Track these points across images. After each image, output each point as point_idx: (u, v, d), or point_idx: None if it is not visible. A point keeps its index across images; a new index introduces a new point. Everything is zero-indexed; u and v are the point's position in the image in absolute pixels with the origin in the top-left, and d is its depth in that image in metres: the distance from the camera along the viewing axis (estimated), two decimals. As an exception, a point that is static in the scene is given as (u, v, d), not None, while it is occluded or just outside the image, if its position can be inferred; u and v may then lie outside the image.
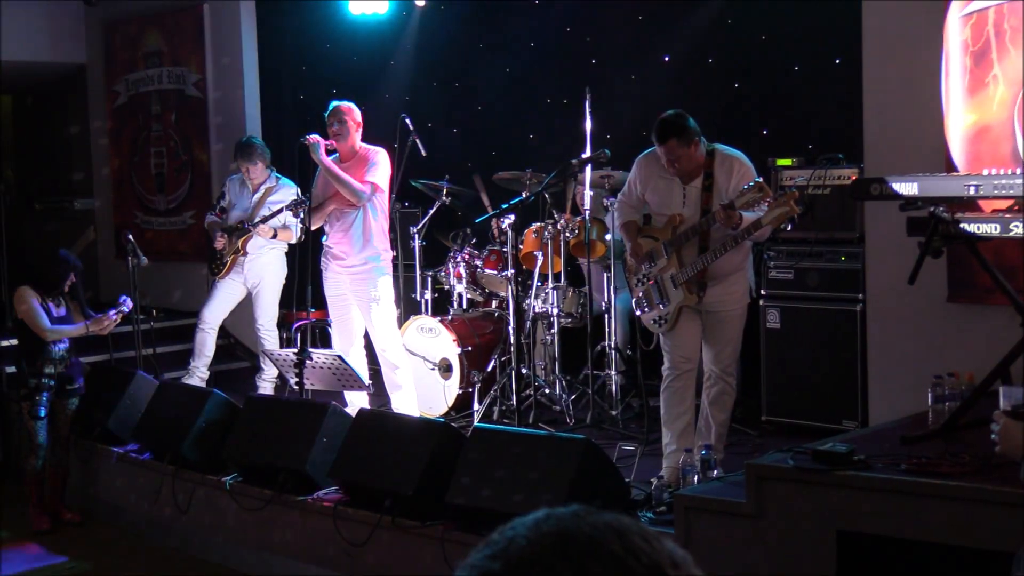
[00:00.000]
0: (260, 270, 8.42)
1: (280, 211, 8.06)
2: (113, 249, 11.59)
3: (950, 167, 6.01)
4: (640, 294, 6.11)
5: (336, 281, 7.41)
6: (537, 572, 1.12)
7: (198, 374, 8.52)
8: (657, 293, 5.99)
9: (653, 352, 6.59)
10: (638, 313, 6.21)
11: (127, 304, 7.59)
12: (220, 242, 8.40)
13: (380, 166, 7.30)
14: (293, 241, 8.08)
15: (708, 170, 5.85)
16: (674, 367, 5.98)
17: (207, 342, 8.53)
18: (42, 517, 7.50)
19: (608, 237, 7.39)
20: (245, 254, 8.36)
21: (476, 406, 7.56)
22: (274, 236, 8.24)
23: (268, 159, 8.46)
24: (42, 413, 7.41)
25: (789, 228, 6.51)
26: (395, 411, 7.19)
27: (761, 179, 5.59)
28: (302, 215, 7.61)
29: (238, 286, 8.49)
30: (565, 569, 1.11)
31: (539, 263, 7.59)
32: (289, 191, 8.24)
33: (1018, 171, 5.05)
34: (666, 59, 8.31)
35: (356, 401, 7.39)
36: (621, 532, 1.15)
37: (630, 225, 6.15)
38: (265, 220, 8.15)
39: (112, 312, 7.50)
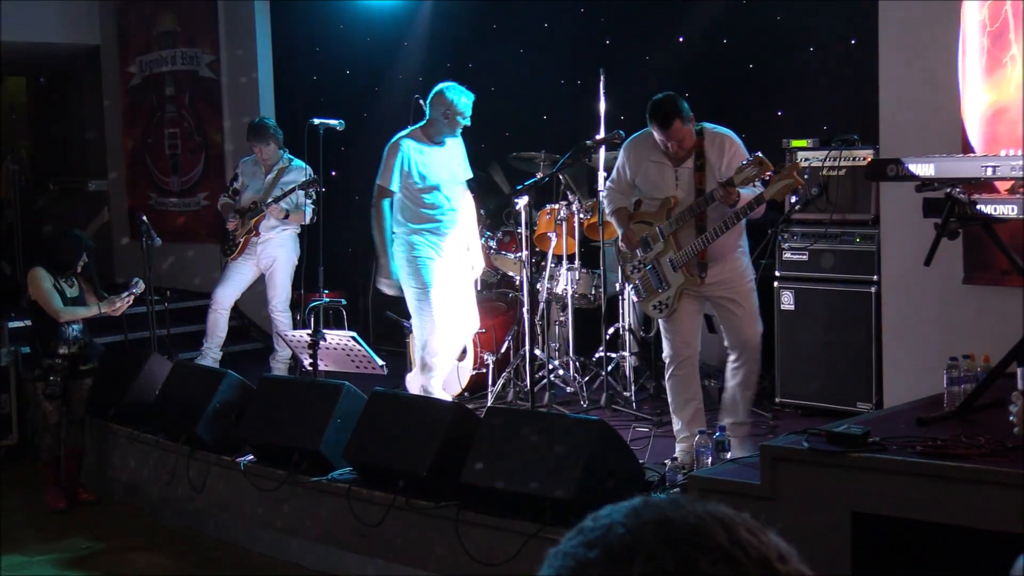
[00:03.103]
0: (273, 251, 8.43)
1: (292, 191, 8.07)
2: (127, 230, 11.62)
3: (967, 148, 5.97)
4: (637, 281, 6.06)
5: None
6: (640, 562, 1.05)
7: (211, 355, 8.54)
8: (655, 278, 5.94)
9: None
10: (635, 300, 6.17)
11: (139, 286, 7.61)
12: (232, 223, 8.41)
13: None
14: (306, 222, 8.08)
15: (699, 150, 5.82)
16: (676, 354, 5.93)
17: (219, 323, 8.55)
18: (59, 496, 7.55)
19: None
20: (258, 235, 8.37)
21: (490, 387, 7.56)
22: (286, 217, 8.24)
23: (280, 140, 8.46)
24: (56, 394, 7.44)
25: (795, 200, 6.45)
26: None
27: (759, 153, 5.56)
28: (315, 196, 7.59)
29: (251, 267, 8.50)
30: (669, 559, 1.05)
31: (553, 244, 7.58)
32: (301, 172, 8.25)
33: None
34: (680, 40, 8.27)
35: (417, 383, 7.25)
36: (726, 523, 1.09)
37: (621, 212, 6.09)
38: (277, 200, 8.16)
39: (125, 294, 7.53)
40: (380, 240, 7.05)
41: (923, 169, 5.03)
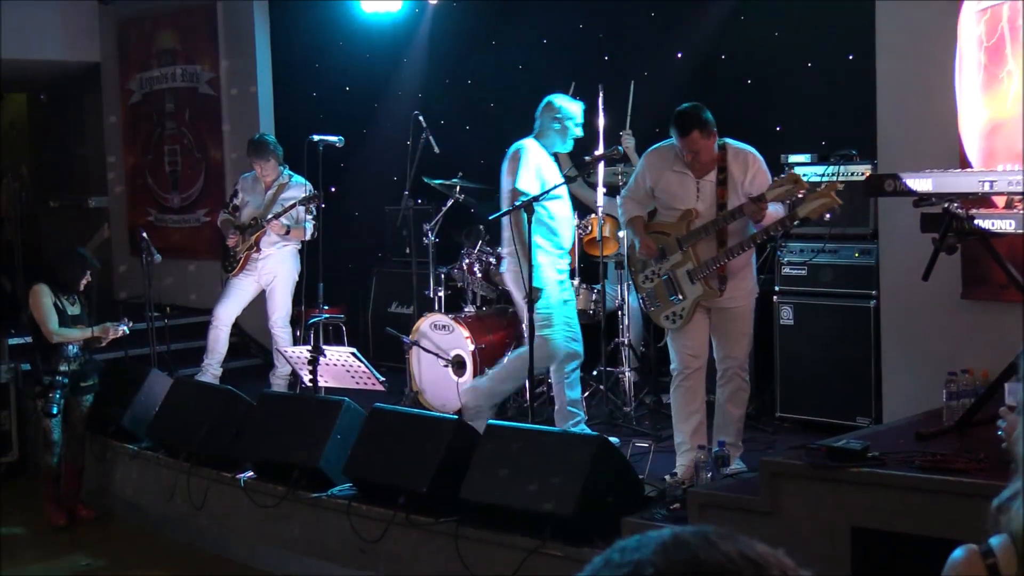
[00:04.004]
0: (273, 267, 8.43)
1: (293, 207, 8.08)
2: (127, 246, 11.64)
3: (964, 163, 5.99)
4: (650, 290, 6.06)
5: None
6: None
7: (211, 371, 8.55)
8: (670, 288, 5.95)
9: (666, 348, 6.57)
10: (646, 310, 6.14)
11: (125, 328, 7.58)
12: (233, 240, 8.42)
13: None
14: (306, 238, 8.09)
15: (721, 164, 5.84)
16: (684, 366, 5.94)
17: (220, 339, 8.55)
18: (58, 513, 7.54)
19: (621, 234, 7.38)
20: (259, 251, 8.38)
21: (490, 403, 7.56)
22: (287, 233, 8.25)
23: (280, 156, 8.47)
24: (55, 410, 7.44)
25: (828, 217, 6.45)
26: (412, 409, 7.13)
27: (794, 171, 5.60)
28: (315, 212, 7.61)
29: (251, 283, 8.51)
30: None
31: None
32: (301, 188, 8.26)
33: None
34: (679, 56, 8.30)
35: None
36: (759, 564, 1.06)
37: (636, 221, 6.08)
38: (278, 216, 8.17)
39: (119, 326, 7.53)
40: (525, 248, 6.33)
41: (921, 184, 5.05)
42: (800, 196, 5.56)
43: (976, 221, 4.98)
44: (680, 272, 5.90)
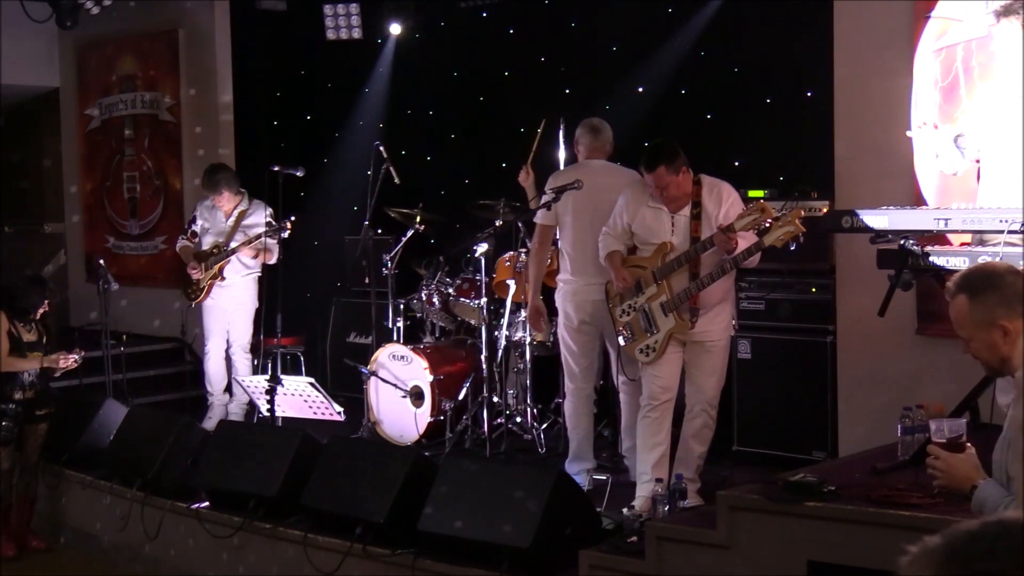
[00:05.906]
0: (235, 295, 8.41)
1: (258, 237, 8.04)
2: (84, 273, 11.53)
3: (920, 201, 6.07)
4: (627, 323, 6.09)
5: None
6: None
7: (218, 402, 8.50)
8: (645, 321, 5.97)
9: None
10: (622, 343, 6.15)
11: (76, 358, 7.52)
12: (196, 273, 8.36)
13: None
14: (273, 261, 8.06)
15: (696, 199, 5.91)
16: (653, 398, 5.97)
17: (218, 372, 8.52)
18: (8, 544, 7.42)
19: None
20: (223, 279, 8.34)
21: (448, 434, 7.55)
22: (255, 256, 8.22)
23: (236, 185, 8.44)
24: (9, 439, 7.34)
25: (794, 248, 6.50)
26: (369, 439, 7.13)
27: (762, 200, 5.65)
28: (284, 236, 7.62)
29: (220, 309, 8.47)
30: None
31: (512, 292, 7.59)
32: (262, 212, 8.25)
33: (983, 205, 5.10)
34: (640, 90, 8.36)
35: None
36: None
37: (614, 255, 6.13)
38: (250, 242, 8.11)
39: (70, 355, 7.47)
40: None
41: (877, 220, 5.11)
42: (767, 225, 5.61)
43: (931, 258, 5.04)
44: (655, 305, 5.94)
